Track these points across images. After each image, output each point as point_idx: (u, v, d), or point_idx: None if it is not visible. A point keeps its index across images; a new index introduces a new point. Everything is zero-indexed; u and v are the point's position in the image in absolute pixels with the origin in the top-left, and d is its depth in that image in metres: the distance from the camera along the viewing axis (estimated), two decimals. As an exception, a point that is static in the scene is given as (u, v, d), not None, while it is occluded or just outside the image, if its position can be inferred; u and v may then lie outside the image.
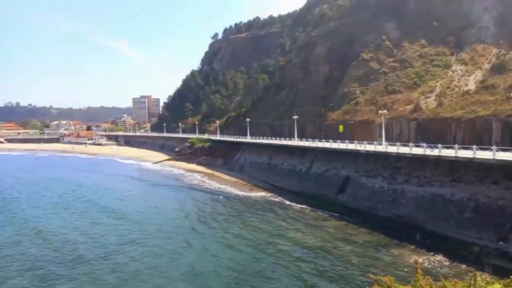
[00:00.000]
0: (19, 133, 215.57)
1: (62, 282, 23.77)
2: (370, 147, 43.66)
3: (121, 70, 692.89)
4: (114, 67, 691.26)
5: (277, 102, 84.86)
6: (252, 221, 37.87)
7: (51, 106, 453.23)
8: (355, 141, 46.54)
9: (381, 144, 43.75)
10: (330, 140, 50.52)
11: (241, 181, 61.60)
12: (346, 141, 47.85)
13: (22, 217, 40.50)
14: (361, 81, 63.40)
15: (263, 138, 71.18)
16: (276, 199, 47.71)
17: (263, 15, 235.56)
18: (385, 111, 47.23)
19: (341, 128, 56.25)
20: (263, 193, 51.66)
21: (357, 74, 64.68)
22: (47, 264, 26.80)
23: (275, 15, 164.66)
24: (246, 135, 78.62)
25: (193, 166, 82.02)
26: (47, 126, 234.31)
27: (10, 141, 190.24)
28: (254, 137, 75.67)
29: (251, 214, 40.52)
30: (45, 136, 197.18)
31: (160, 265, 26.43)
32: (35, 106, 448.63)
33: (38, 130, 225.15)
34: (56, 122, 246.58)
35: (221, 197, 50.41)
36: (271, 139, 68.35)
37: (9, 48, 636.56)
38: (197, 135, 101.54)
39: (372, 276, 6.87)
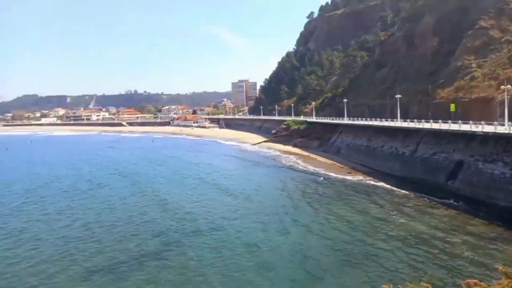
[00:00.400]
0: (137, 117, 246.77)
1: (183, 249, 27.20)
2: (489, 128, 38.81)
3: (221, 56, 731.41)
4: (215, 53, 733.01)
5: (376, 80, 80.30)
6: (354, 204, 37.55)
7: (162, 93, 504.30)
8: (470, 122, 41.78)
9: (503, 125, 38.49)
10: (440, 121, 46.32)
11: (338, 164, 60.87)
12: (460, 121, 43.29)
13: (146, 190, 47.10)
14: (478, 52, 55.99)
15: (361, 119, 68.48)
16: (377, 183, 46.13)
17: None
18: (508, 86, 41.16)
19: (452, 107, 50.79)
20: (362, 177, 50.40)
21: (473, 45, 57.23)
22: (169, 231, 30.90)
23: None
24: (342, 116, 76.68)
25: (289, 148, 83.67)
26: (160, 111, 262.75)
27: (130, 124, 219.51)
28: (351, 118, 73.30)
29: (352, 197, 40.13)
30: (158, 120, 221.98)
31: (265, 240, 28.26)
32: (149, 92, 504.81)
33: (152, 114, 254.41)
34: (167, 107, 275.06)
35: (321, 178, 50.78)
36: (370, 120, 65.36)
37: (132, 47, 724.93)
38: (292, 117, 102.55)
39: (501, 268, 6.55)
